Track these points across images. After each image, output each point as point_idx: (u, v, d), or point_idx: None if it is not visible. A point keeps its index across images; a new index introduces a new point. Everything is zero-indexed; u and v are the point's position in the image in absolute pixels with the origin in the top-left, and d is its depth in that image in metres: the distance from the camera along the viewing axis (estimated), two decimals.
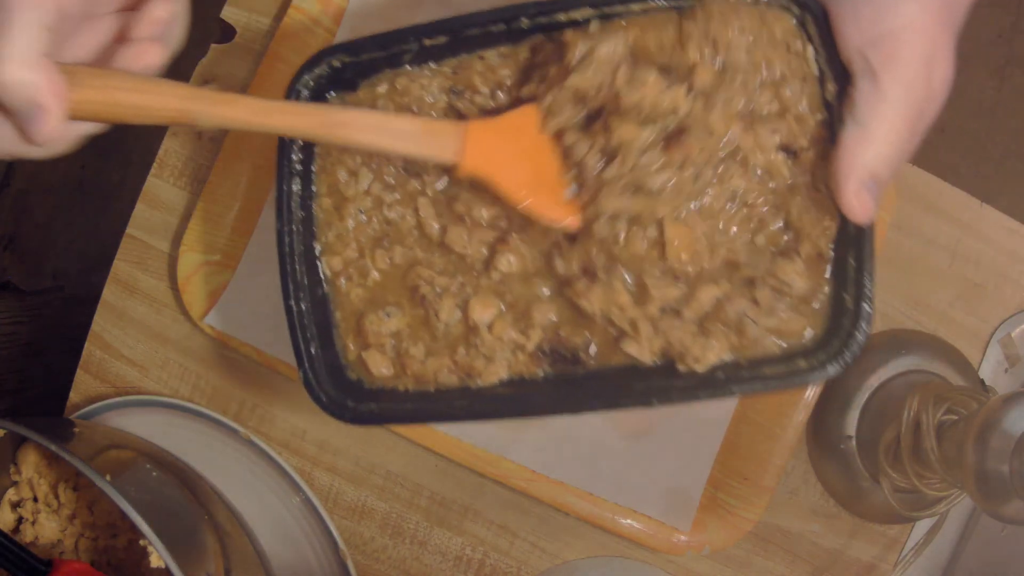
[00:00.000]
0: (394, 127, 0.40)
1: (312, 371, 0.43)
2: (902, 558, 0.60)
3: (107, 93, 0.37)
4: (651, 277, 0.40)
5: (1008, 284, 0.62)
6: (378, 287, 0.45)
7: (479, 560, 0.61)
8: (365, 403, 0.43)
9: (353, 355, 0.44)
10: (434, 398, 0.43)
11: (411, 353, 0.43)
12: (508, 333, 0.42)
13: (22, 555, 0.51)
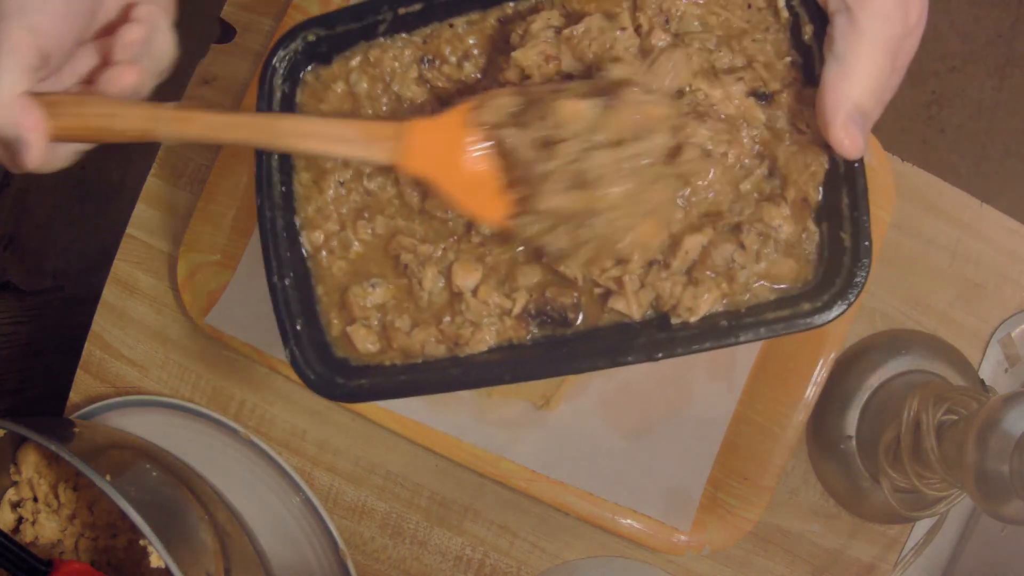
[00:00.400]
0: (336, 132, 0.40)
1: (299, 349, 0.42)
2: (902, 558, 0.60)
3: (81, 119, 0.40)
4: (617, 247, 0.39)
5: (1008, 284, 0.62)
6: (360, 259, 0.44)
7: (479, 560, 0.61)
8: (354, 380, 0.42)
9: (338, 331, 0.44)
10: (423, 369, 0.42)
11: (396, 325, 0.43)
12: (493, 297, 0.42)
13: (22, 555, 0.51)
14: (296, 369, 0.42)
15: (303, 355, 0.42)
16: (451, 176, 0.40)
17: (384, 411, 0.58)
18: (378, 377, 0.42)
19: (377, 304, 0.43)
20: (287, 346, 0.42)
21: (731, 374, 0.59)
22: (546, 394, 0.58)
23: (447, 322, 0.42)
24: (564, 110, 0.37)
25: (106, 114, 0.40)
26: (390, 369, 0.43)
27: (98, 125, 0.40)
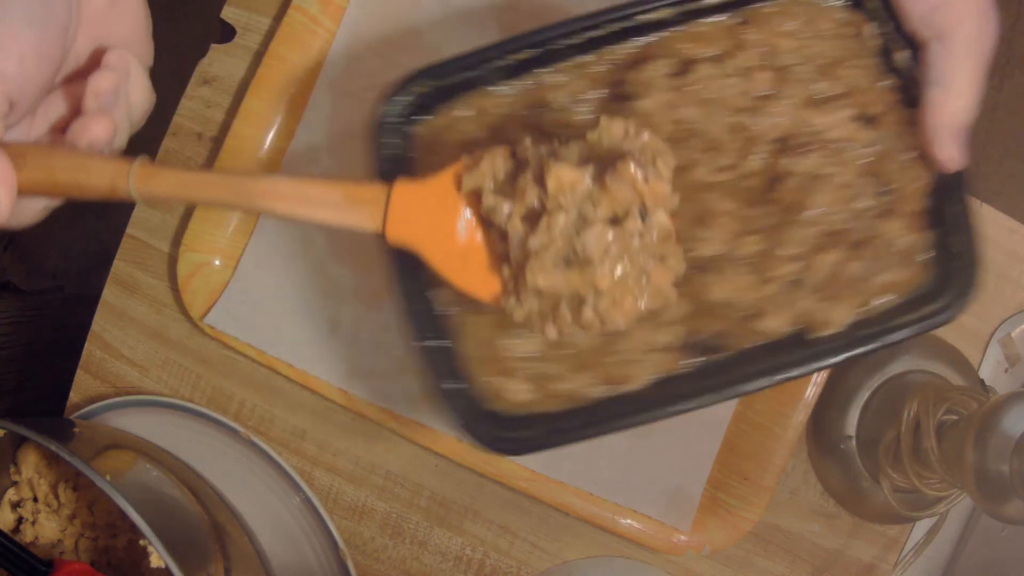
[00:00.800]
0: (313, 195, 0.37)
1: (458, 408, 0.40)
2: (902, 558, 0.60)
3: (49, 172, 0.37)
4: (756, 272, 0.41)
5: (1008, 284, 0.62)
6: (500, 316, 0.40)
7: (479, 560, 0.61)
8: (513, 431, 0.40)
9: (488, 386, 0.41)
10: (583, 413, 0.41)
11: (550, 373, 0.41)
12: (643, 333, 0.41)
13: (23, 555, 0.51)
14: (464, 429, 0.40)
15: (463, 414, 0.40)
16: (439, 246, 0.37)
17: (384, 411, 0.58)
18: (538, 426, 0.41)
19: (528, 354, 0.41)
20: (453, 410, 0.40)
21: None
22: None
23: (607, 361, 0.41)
24: (555, 179, 0.35)
25: (74, 167, 0.38)
26: (548, 416, 0.41)
27: (66, 180, 0.38)
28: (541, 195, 0.35)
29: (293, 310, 0.59)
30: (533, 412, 0.41)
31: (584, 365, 0.41)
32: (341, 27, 0.60)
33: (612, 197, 0.35)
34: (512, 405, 0.41)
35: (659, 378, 0.42)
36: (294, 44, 0.59)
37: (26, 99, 0.37)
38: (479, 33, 0.60)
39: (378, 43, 0.60)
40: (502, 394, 0.41)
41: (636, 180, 0.35)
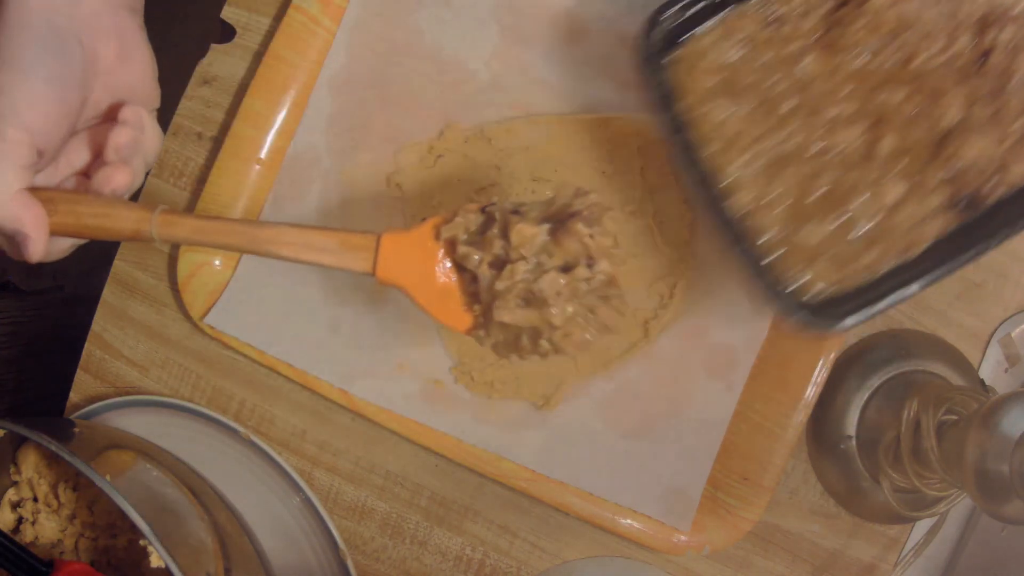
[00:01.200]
0: (315, 242, 0.43)
1: (779, 297, 0.46)
2: (902, 558, 0.60)
3: (77, 217, 0.43)
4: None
5: (1008, 284, 0.62)
6: (791, 206, 0.47)
7: (479, 560, 0.61)
8: (836, 308, 0.46)
9: (797, 277, 0.47)
10: (884, 281, 0.46)
11: (850, 252, 0.47)
12: (913, 204, 0.47)
13: (23, 556, 0.51)
14: (786, 313, 0.45)
15: (794, 307, 0.46)
16: (422, 286, 0.43)
17: (384, 411, 0.58)
18: (853, 301, 0.46)
19: (824, 240, 0.47)
20: (770, 297, 0.46)
21: (731, 374, 0.59)
22: (546, 394, 0.58)
23: (892, 233, 0.47)
24: (517, 234, 0.41)
25: (100, 214, 0.43)
26: (858, 290, 0.47)
27: (93, 224, 0.44)
28: (505, 246, 0.41)
29: (293, 310, 0.59)
30: (843, 292, 0.47)
31: (874, 240, 0.47)
32: (341, 27, 0.60)
33: (564, 249, 0.41)
34: (821, 291, 0.47)
35: (937, 239, 0.47)
36: (294, 44, 0.59)
37: (52, 148, 0.43)
38: (479, 33, 0.60)
39: (378, 43, 0.60)
40: (815, 281, 0.47)
41: (583, 235, 0.41)
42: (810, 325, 0.45)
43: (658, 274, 0.59)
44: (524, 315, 0.41)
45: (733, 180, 0.48)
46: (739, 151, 0.48)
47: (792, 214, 0.47)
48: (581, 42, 0.60)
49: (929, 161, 0.47)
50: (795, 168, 0.48)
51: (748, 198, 0.47)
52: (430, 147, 0.60)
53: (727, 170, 0.48)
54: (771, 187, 0.47)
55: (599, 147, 0.59)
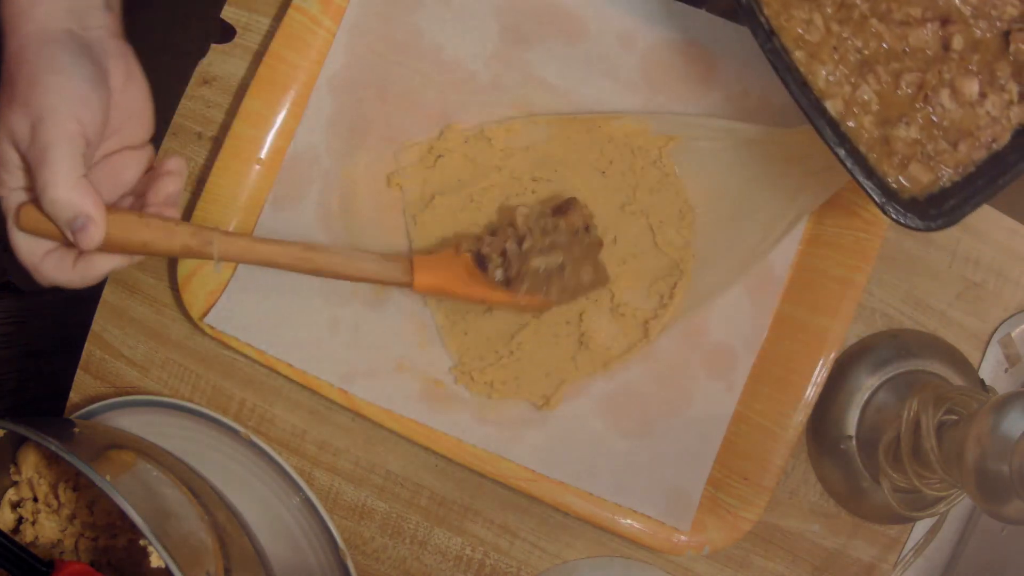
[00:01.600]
0: (357, 262, 0.53)
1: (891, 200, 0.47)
2: (902, 558, 0.60)
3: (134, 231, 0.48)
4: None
5: (1008, 284, 0.62)
6: (881, 108, 0.49)
7: (479, 560, 0.61)
8: (941, 206, 0.47)
9: (895, 177, 0.48)
10: (978, 175, 0.48)
11: (940, 149, 0.48)
12: (994, 98, 0.48)
13: (23, 556, 0.51)
14: (899, 217, 0.47)
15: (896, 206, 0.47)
16: (453, 285, 0.55)
17: (384, 411, 0.58)
18: (954, 195, 0.48)
19: (916, 139, 0.48)
20: (887, 204, 0.47)
21: (731, 374, 0.59)
22: (546, 394, 0.58)
23: (976, 127, 0.48)
24: (519, 214, 0.56)
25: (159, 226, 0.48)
26: (955, 186, 0.48)
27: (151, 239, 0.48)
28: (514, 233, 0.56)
29: (293, 310, 0.59)
30: (935, 191, 0.48)
31: (959, 136, 0.48)
32: (341, 27, 0.60)
33: (569, 221, 0.56)
34: (924, 187, 0.48)
35: (1017, 130, 0.49)
36: (294, 44, 0.59)
37: (96, 143, 0.46)
38: (480, 33, 0.60)
39: (378, 43, 0.60)
40: (919, 178, 0.48)
41: (582, 208, 0.57)
42: (915, 224, 0.47)
43: (658, 274, 0.59)
44: (546, 259, 0.55)
45: (824, 85, 0.49)
46: (825, 58, 0.49)
47: (883, 115, 0.49)
48: (581, 42, 0.60)
49: (997, 55, 0.49)
50: (880, 70, 0.49)
51: (841, 103, 0.48)
52: (430, 147, 0.60)
53: (818, 75, 0.49)
54: (860, 91, 0.49)
55: (599, 147, 0.59)
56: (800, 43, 0.49)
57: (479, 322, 0.59)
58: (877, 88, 0.49)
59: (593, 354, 0.58)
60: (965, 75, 0.49)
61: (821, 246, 0.59)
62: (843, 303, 0.57)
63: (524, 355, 0.58)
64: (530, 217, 0.56)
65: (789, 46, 0.49)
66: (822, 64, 0.49)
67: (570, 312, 0.59)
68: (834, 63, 0.49)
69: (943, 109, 0.48)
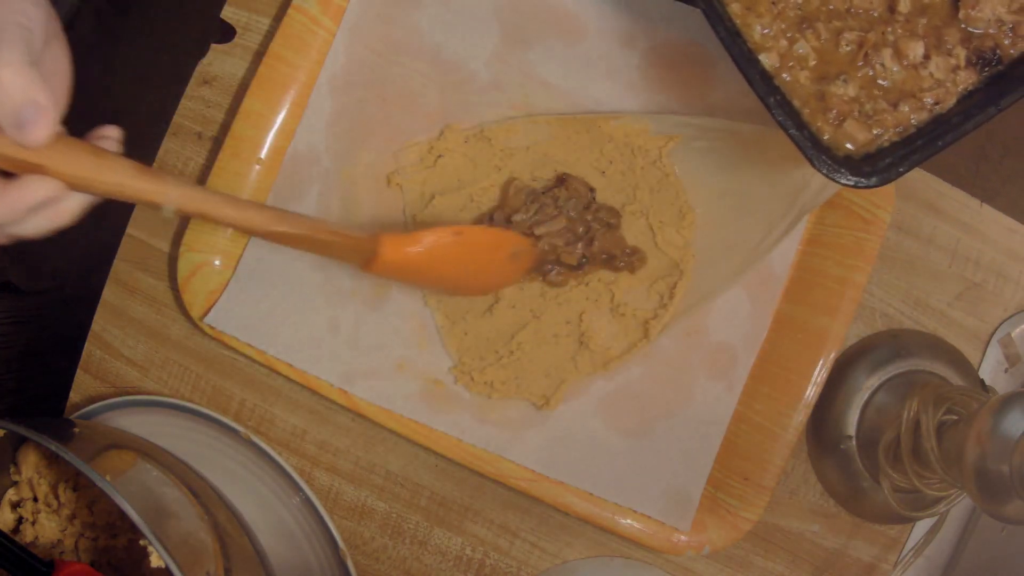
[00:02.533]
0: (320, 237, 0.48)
1: (822, 154, 0.46)
2: (902, 558, 0.60)
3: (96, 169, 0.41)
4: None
5: (1008, 284, 0.62)
6: (818, 65, 0.49)
7: (479, 560, 0.61)
8: (876, 164, 0.46)
9: (830, 134, 0.48)
10: (920, 135, 0.47)
11: (880, 108, 0.48)
12: (939, 61, 0.48)
13: (23, 556, 0.51)
14: (828, 171, 0.46)
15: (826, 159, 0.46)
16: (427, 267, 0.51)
17: (384, 411, 0.58)
18: (889, 154, 0.47)
19: (853, 97, 0.48)
20: (816, 157, 0.46)
21: (731, 374, 0.59)
22: (546, 394, 0.58)
23: (919, 89, 0.48)
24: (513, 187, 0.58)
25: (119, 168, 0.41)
26: (893, 146, 0.47)
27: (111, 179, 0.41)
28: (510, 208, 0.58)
29: (293, 310, 0.59)
30: (874, 150, 0.47)
31: (900, 97, 0.48)
32: (341, 27, 0.60)
33: (569, 189, 0.58)
34: (862, 145, 0.48)
35: (963, 94, 0.48)
36: (294, 44, 0.59)
37: (36, 47, 0.40)
38: (480, 33, 0.60)
39: (378, 43, 0.60)
40: (855, 135, 0.47)
41: (580, 181, 0.58)
42: (847, 180, 0.46)
43: (658, 274, 0.59)
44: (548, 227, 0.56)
45: (759, 38, 0.48)
46: (762, 11, 0.48)
47: (821, 72, 0.48)
48: (581, 42, 0.60)
49: (947, 21, 0.48)
50: (820, 27, 0.49)
51: (776, 56, 0.48)
52: (430, 147, 0.60)
53: (753, 27, 0.48)
54: (797, 45, 0.48)
55: (599, 147, 0.59)
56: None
57: (479, 322, 0.59)
58: (816, 44, 0.49)
59: (593, 354, 0.58)
60: (910, 37, 0.48)
61: (821, 246, 0.59)
62: (843, 303, 0.57)
63: (524, 355, 0.58)
64: (523, 191, 0.57)
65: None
66: (758, 17, 0.48)
67: (570, 312, 0.59)
68: (772, 16, 0.48)
69: (884, 69, 0.48)
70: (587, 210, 0.58)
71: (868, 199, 0.58)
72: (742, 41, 0.48)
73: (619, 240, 0.58)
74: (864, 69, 0.48)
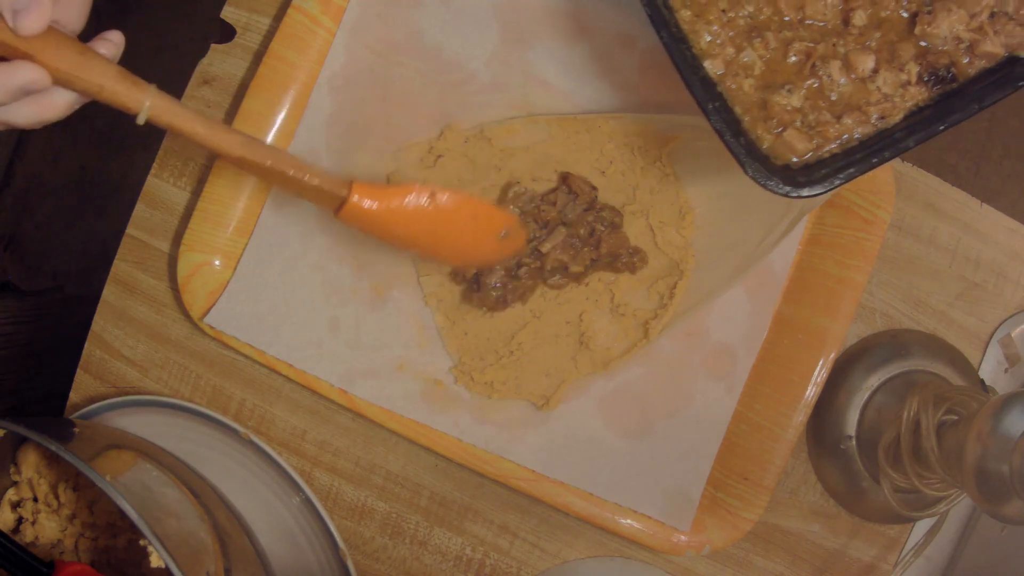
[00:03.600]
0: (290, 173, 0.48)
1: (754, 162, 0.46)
2: (902, 558, 0.60)
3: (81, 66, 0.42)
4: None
5: (1008, 284, 0.62)
6: (764, 73, 0.48)
7: (479, 560, 0.61)
8: (807, 176, 0.46)
9: (769, 143, 0.47)
10: (862, 148, 0.47)
11: (823, 119, 0.47)
12: (888, 75, 0.48)
13: (23, 556, 0.51)
14: (759, 178, 0.45)
15: (759, 167, 0.45)
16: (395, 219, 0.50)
17: (384, 411, 0.58)
18: (826, 166, 0.46)
19: (796, 107, 0.48)
20: (744, 161, 0.45)
21: (731, 374, 0.59)
22: (546, 394, 0.58)
23: (865, 103, 0.47)
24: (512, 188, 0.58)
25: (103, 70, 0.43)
26: (833, 158, 0.47)
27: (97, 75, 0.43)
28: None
29: (293, 310, 0.59)
30: (813, 161, 0.47)
31: (845, 110, 0.48)
32: (341, 27, 0.60)
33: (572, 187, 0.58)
34: (801, 155, 0.47)
35: (911, 110, 0.48)
36: (294, 44, 0.59)
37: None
38: (480, 33, 0.60)
39: (378, 43, 0.60)
40: (793, 145, 0.47)
41: (582, 180, 0.58)
42: (779, 189, 0.45)
43: (658, 274, 0.59)
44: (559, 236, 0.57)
45: (706, 46, 0.48)
46: (711, 18, 0.48)
47: (766, 80, 0.48)
48: (581, 42, 0.60)
49: (902, 36, 0.48)
50: (770, 36, 0.48)
51: (721, 63, 0.48)
52: (430, 147, 0.60)
53: (701, 35, 0.48)
54: (744, 54, 0.48)
55: (599, 147, 0.59)
56: (687, 2, 0.48)
57: (479, 322, 0.59)
58: (763, 53, 0.48)
59: (593, 354, 0.58)
60: (862, 51, 0.48)
61: (821, 246, 0.59)
62: (843, 303, 0.57)
63: (524, 355, 0.58)
64: (521, 197, 0.57)
65: (675, 5, 0.48)
66: (707, 24, 0.48)
67: (570, 312, 0.59)
68: (721, 24, 0.48)
69: (831, 81, 0.48)
70: (589, 211, 0.58)
71: (868, 199, 0.58)
72: (686, 47, 0.47)
73: (623, 240, 0.58)
74: (811, 80, 0.48)
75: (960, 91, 0.47)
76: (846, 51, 0.48)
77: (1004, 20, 0.47)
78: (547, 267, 0.57)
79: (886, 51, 0.48)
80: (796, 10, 0.49)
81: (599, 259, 0.58)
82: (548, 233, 0.57)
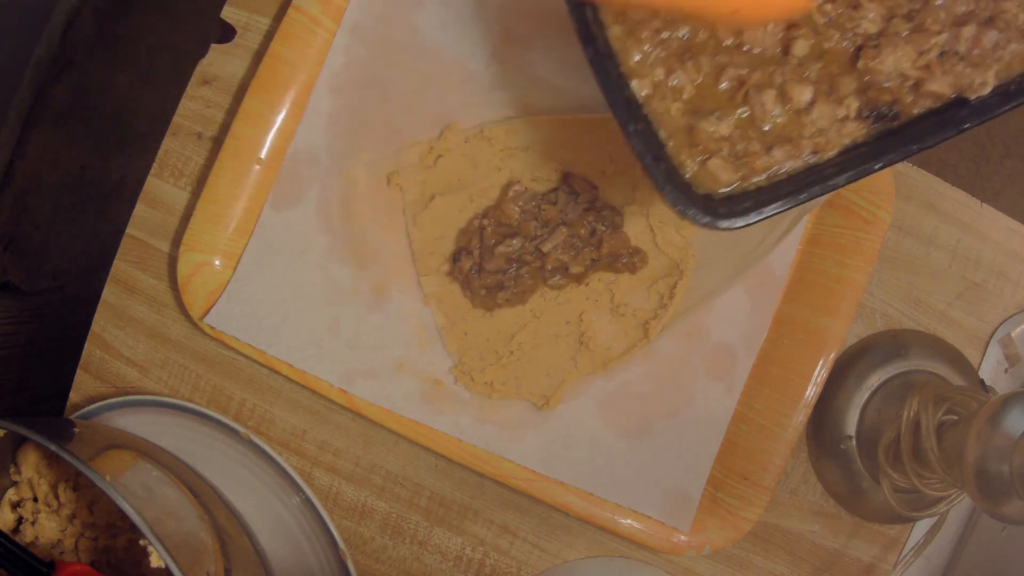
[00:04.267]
0: None
1: (672, 188, 0.44)
2: (902, 558, 0.60)
3: None
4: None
5: (1008, 284, 0.62)
6: (694, 98, 0.46)
7: (479, 560, 0.61)
8: (732, 207, 0.44)
9: (692, 171, 0.46)
10: (790, 183, 0.45)
11: (751, 150, 0.46)
12: (828, 107, 0.46)
13: (23, 557, 0.51)
14: (678, 207, 0.44)
15: (678, 194, 0.44)
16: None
17: (384, 411, 0.58)
18: (749, 199, 0.45)
19: (724, 136, 0.46)
20: (662, 187, 0.44)
21: (731, 374, 0.59)
22: (546, 394, 0.58)
23: (799, 136, 0.46)
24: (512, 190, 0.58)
25: None
26: (756, 191, 0.45)
27: None
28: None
29: (293, 310, 0.59)
30: (737, 192, 0.45)
31: (776, 141, 0.46)
32: (341, 27, 0.60)
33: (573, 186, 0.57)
34: (723, 186, 0.46)
35: (847, 147, 0.46)
36: (294, 44, 0.59)
37: None
38: (480, 33, 0.60)
39: (378, 43, 0.60)
40: (717, 175, 0.45)
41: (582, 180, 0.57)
42: (698, 219, 0.44)
43: (658, 274, 0.59)
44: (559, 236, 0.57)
45: (635, 65, 0.46)
46: (643, 37, 0.46)
47: (695, 106, 0.46)
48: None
49: (845, 69, 0.46)
50: (704, 60, 0.46)
51: (649, 84, 0.46)
52: (430, 147, 0.60)
53: (631, 54, 0.46)
54: (674, 76, 0.46)
55: (599, 147, 0.59)
56: (620, 19, 0.46)
57: (479, 322, 0.59)
58: (695, 77, 0.46)
59: (593, 354, 0.58)
60: (799, 81, 0.46)
61: (821, 246, 0.59)
62: (843, 303, 0.57)
63: (524, 355, 0.58)
64: (521, 197, 0.57)
65: (606, 21, 0.46)
66: (638, 43, 0.46)
67: (570, 312, 0.59)
68: (653, 44, 0.46)
69: (764, 111, 0.46)
70: (590, 210, 0.58)
71: (868, 199, 0.58)
72: (613, 64, 0.45)
73: (624, 240, 0.58)
74: (743, 109, 0.46)
75: (900, 130, 0.46)
76: (783, 80, 0.46)
77: (955, 60, 0.46)
78: (548, 267, 0.57)
79: (826, 83, 0.46)
80: (735, 35, 0.47)
81: (600, 259, 0.58)
82: (549, 233, 0.57)
